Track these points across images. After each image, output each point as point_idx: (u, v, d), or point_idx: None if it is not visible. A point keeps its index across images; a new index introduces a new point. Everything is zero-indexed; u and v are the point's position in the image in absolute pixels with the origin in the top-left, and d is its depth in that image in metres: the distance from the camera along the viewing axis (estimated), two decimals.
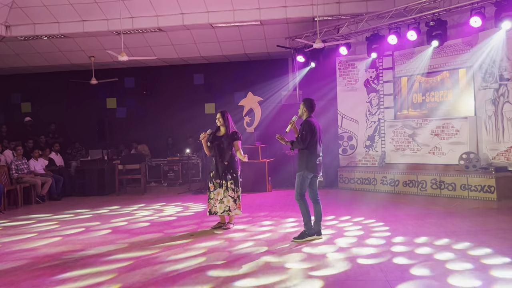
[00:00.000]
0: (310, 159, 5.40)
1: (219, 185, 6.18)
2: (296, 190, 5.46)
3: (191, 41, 12.29)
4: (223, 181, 6.16)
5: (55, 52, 12.86)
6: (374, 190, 9.70)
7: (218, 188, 6.19)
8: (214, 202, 6.19)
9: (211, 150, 6.26)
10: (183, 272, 4.33)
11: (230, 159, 6.20)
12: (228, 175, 6.17)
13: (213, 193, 6.20)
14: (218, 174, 6.19)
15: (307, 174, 5.41)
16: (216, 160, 6.21)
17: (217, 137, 6.25)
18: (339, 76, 11.00)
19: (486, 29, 8.60)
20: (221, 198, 6.16)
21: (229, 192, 6.15)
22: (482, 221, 6.28)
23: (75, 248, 5.48)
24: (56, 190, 10.32)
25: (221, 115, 6.29)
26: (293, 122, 5.62)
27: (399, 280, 3.89)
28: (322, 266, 4.40)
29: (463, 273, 4.04)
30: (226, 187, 6.15)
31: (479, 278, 3.86)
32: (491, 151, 8.69)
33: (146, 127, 14.21)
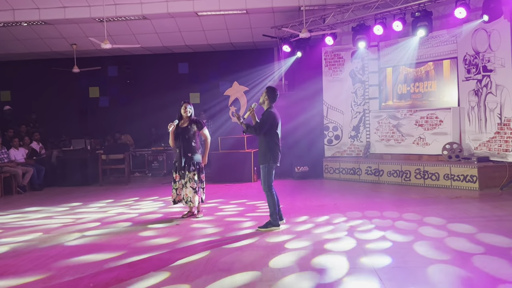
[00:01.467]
0: (273, 149, 5.42)
1: (181, 175, 6.19)
2: (264, 182, 5.47)
3: (175, 29, 12.12)
4: (186, 172, 6.15)
5: (35, 39, 12.55)
6: (359, 180, 9.76)
7: (181, 178, 6.20)
8: (178, 192, 6.21)
9: (176, 141, 6.21)
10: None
11: (193, 150, 6.19)
12: (191, 166, 6.16)
13: (178, 183, 6.20)
14: (181, 164, 6.16)
15: (272, 165, 5.45)
16: (180, 151, 6.17)
17: (182, 128, 6.19)
18: (325, 66, 10.99)
19: (471, 20, 8.66)
20: (181, 187, 6.20)
21: (191, 183, 6.15)
22: (465, 209, 6.37)
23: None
24: (37, 180, 10.13)
25: (188, 105, 6.24)
26: (252, 109, 5.50)
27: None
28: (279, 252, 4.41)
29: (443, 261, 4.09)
30: (188, 178, 6.15)
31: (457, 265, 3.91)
32: (474, 142, 8.82)
33: (130, 116, 14.00)
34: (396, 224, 5.60)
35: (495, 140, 8.32)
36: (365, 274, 3.77)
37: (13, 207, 7.96)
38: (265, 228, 5.48)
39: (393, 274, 3.76)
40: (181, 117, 6.24)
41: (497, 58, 8.17)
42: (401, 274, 3.76)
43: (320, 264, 4.08)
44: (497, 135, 8.25)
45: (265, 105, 5.55)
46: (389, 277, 3.66)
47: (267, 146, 5.43)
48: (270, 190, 5.47)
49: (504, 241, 4.61)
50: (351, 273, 3.80)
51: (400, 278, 3.66)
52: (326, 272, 3.86)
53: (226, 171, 10.24)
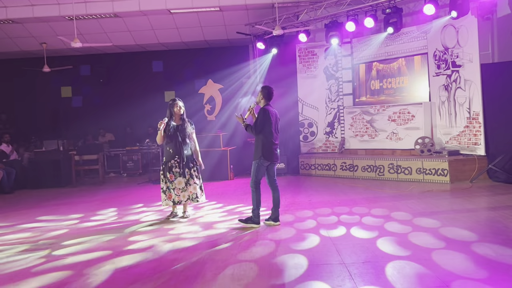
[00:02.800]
0: (266, 147, 5.46)
1: (179, 174, 6.09)
2: (252, 177, 5.52)
3: (148, 27, 11.97)
4: (186, 169, 6.09)
5: (3, 38, 12.20)
6: (334, 176, 9.86)
7: (178, 177, 6.09)
8: (177, 192, 6.09)
9: (168, 140, 6.11)
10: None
11: (189, 148, 6.17)
12: (190, 163, 6.14)
13: (174, 183, 6.09)
14: (178, 163, 6.08)
15: (262, 161, 5.47)
16: (176, 149, 6.07)
17: (176, 126, 6.12)
18: (299, 63, 11.04)
19: (440, 17, 8.83)
20: (183, 187, 6.08)
21: (194, 179, 6.12)
22: (435, 203, 6.50)
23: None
24: (8, 183, 9.87)
25: (181, 102, 6.17)
26: (251, 109, 5.67)
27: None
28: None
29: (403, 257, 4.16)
30: (190, 175, 6.10)
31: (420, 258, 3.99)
32: (445, 136, 9.00)
33: (104, 116, 13.75)
34: (364, 220, 5.67)
35: (464, 134, 8.51)
36: (328, 272, 3.81)
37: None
38: (245, 222, 5.50)
39: (360, 269, 3.80)
40: (172, 114, 6.13)
41: (465, 54, 8.35)
42: (365, 269, 3.81)
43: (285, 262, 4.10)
44: (466, 129, 8.44)
45: (262, 104, 5.63)
46: (357, 273, 3.70)
47: (260, 143, 5.47)
48: (256, 187, 5.49)
49: (467, 235, 4.72)
50: (316, 271, 3.83)
51: (364, 274, 3.71)
52: (288, 271, 3.88)
53: (204, 169, 10.16)
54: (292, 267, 3.92)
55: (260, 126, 5.44)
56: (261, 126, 5.43)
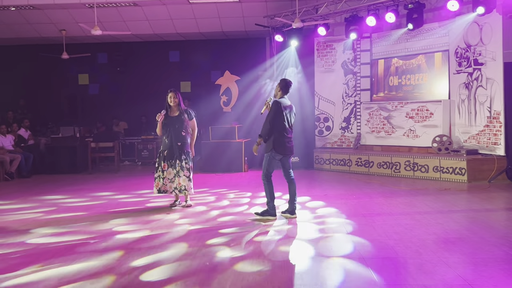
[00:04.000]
0: (277, 140, 5.39)
1: (170, 164, 6.15)
2: (263, 170, 5.48)
3: (167, 16, 11.97)
4: (177, 161, 6.14)
5: (23, 24, 12.30)
6: (349, 171, 9.81)
7: (169, 168, 6.16)
8: (165, 181, 6.17)
9: (164, 131, 6.20)
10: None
11: (183, 139, 6.18)
12: (183, 155, 6.16)
13: (166, 172, 6.16)
14: (171, 154, 6.15)
15: (274, 155, 5.41)
16: (170, 140, 6.16)
17: (171, 117, 6.18)
18: (317, 56, 10.96)
19: (463, 13, 8.69)
20: (171, 177, 6.15)
21: (184, 171, 6.14)
22: (453, 201, 6.43)
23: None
24: (25, 167, 10.01)
25: (175, 94, 6.19)
26: (268, 103, 5.52)
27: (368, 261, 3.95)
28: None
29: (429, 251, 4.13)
30: (180, 167, 6.13)
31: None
32: (463, 134, 8.89)
33: (120, 104, 13.87)
34: (384, 215, 5.64)
35: (484, 133, 8.39)
36: (351, 264, 3.80)
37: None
38: (262, 216, 5.48)
39: (383, 265, 3.79)
40: (169, 106, 6.21)
41: (488, 52, 8.21)
42: (392, 264, 3.79)
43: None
44: (486, 128, 8.32)
45: (278, 97, 5.56)
46: (379, 268, 3.69)
47: (272, 136, 5.40)
48: (267, 179, 5.45)
49: (487, 235, 4.67)
50: (337, 264, 3.82)
51: (391, 268, 3.69)
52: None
53: (217, 160, 10.21)
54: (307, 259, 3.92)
55: (272, 120, 5.35)
56: (272, 118, 5.36)
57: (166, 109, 6.21)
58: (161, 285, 3.39)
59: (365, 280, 3.44)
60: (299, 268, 3.73)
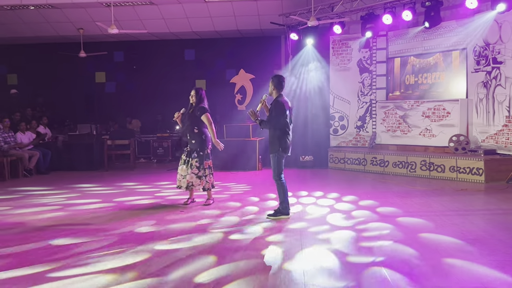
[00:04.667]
0: (283, 139, 5.41)
1: (184, 161, 6.24)
2: (274, 171, 5.48)
3: (182, 15, 12.04)
4: (189, 158, 6.20)
5: (42, 23, 12.51)
6: (364, 171, 9.74)
7: (182, 164, 6.24)
8: (179, 177, 6.29)
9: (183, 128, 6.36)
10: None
11: (197, 137, 6.21)
12: (194, 153, 6.20)
13: (179, 167, 6.29)
14: (186, 151, 6.30)
15: (281, 154, 5.44)
16: (186, 137, 6.32)
17: (187, 114, 6.29)
18: (332, 55, 10.91)
19: (482, 11, 8.54)
20: (184, 174, 6.23)
21: (193, 169, 6.18)
22: (470, 202, 6.34)
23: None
24: (43, 164, 10.19)
25: (196, 92, 6.26)
26: (263, 101, 5.55)
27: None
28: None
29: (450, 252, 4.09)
30: (190, 164, 6.18)
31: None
32: (481, 134, 8.75)
33: (136, 102, 14.02)
34: (402, 215, 5.59)
35: (502, 133, 8.25)
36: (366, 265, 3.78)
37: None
38: (274, 216, 5.47)
39: (397, 266, 3.76)
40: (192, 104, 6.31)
41: (508, 50, 8.06)
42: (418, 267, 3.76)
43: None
44: (505, 128, 8.18)
45: (274, 95, 5.54)
46: (392, 269, 3.66)
47: (275, 136, 5.41)
48: (280, 179, 5.46)
49: (506, 236, 4.59)
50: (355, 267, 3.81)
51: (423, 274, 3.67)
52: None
53: (231, 159, 10.22)
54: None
55: (275, 119, 5.37)
56: (277, 118, 5.36)
57: (189, 107, 6.31)
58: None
59: (378, 280, 3.42)
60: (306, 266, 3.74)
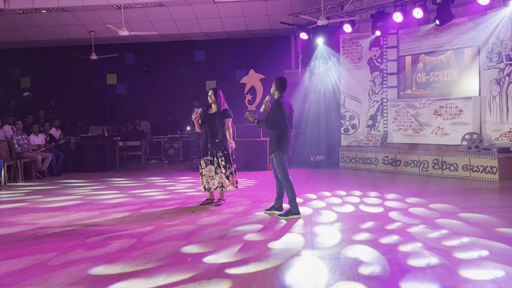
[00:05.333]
0: (281, 139, 5.43)
1: (210, 162, 6.21)
2: (278, 171, 5.49)
3: (192, 16, 12.08)
4: (214, 158, 6.18)
5: (54, 26, 12.65)
6: (376, 170, 9.68)
7: (209, 165, 6.21)
8: (206, 179, 6.24)
9: (202, 128, 6.29)
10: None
11: (221, 137, 6.20)
12: (219, 152, 6.18)
13: (204, 170, 6.24)
14: (209, 151, 6.20)
15: (281, 154, 5.45)
16: (207, 137, 6.21)
17: (208, 114, 6.25)
18: (343, 54, 10.86)
19: (494, 7, 8.44)
20: (212, 175, 6.20)
21: (221, 169, 6.17)
22: (484, 200, 6.26)
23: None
24: (56, 166, 10.30)
25: (213, 92, 6.26)
26: (266, 102, 5.62)
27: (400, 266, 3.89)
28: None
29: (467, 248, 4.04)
30: (217, 164, 6.17)
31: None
32: (494, 132, 8.63)
33: (147, 104, 14.12)
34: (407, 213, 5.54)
35: None
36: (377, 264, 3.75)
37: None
38: (286, 216, 5.47)
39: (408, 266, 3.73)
40: (210, 104, 6.31)
41: None
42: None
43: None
44: None
45: (275, 95, 5.60)
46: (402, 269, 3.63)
47: (274, 135, 5.45)
48: (286, 178, 5.47)
49: None
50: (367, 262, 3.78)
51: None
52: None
53: (241, 159, 10.20)
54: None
55: (273, 119, 5.39)
56: (274, 118, 5.38)
57: (207, 106, 6.31)
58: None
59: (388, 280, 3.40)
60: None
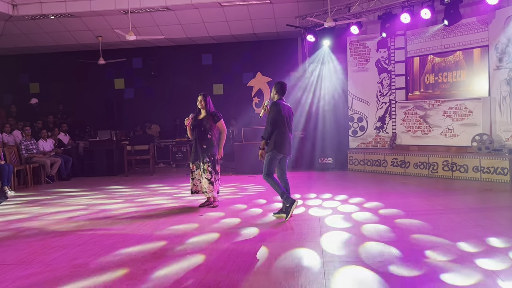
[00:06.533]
0: (278, 139, 5.43)
1: (198, 166, 6.29)
2: (264, 169, 5.49)
3: (199, 20, 12.11)
4: (201, 163, 6.24)
5: (62, 31, 12.76)
6: (385, 172, 9.60)
7: (198, 169, 6.31)
8: (195, 182, 6.33)
9: (192, 133, 6.32)
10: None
11: (208, 142, 6.22)
12: (206, 157, 6.22)
13: (195, 173, 6.32)
14: (197, 156, 6.27)
15: (275, 154, 5.45)
16: (196, 142, 6.28)
17: (198, 120, 6.28)
18: (350, 56, 10.81)
19: (503, 7, 8.35)
20: (200, 178, 6.30)
21: (206, 174, 6.22)
22: (496, 202, 6.18)
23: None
24: (65, 170, 10.35)
25: (203, 97, 6.30)
26: (266, 107, 5.63)
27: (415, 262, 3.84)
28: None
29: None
30: (203, 169, 6.22)
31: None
32: (505, 133, 8.53)
33: (154, 108, 14.17)
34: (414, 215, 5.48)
35: None
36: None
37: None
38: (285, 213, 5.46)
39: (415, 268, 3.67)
40: (199, 109, 6.32)
41: None
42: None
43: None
44: None
45: (275, 99, 5.63)
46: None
47: (273, 136, 5.45)
48: (269, 177, 5.48)
49: None
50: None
51: None
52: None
53: (249, 162, 10.19)
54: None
55: (273, 120, 5.40)
56: (272, 119, 5.40)
57: (197, 112, 6.33)
58: None
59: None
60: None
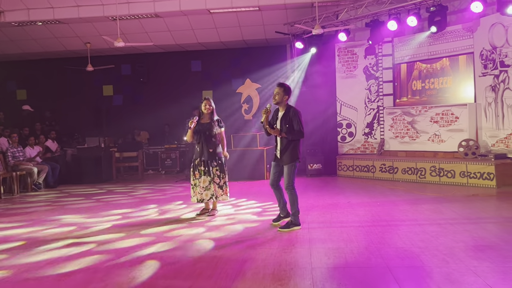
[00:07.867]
0: (298, 149, 5.37)
1: (203, 172, 6.16)
2: (288, 181, 5.30)
3: (188, 27, 12.13)
4: (209, 168, 6.14)
5: (50, 38, 12.68)
6: (373, 178, 9.66)
7: (203, 175, 6.16)
8: (200, 190, 6.18)
9: (195, 137, 6.24)
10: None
11: (215, 146, 6.19)
12: (214, 162, 6.17)
13: (198, 180, 6.18)
14: (203, 161, 6.17)
15: (297, 164, 5.36)
16: (201, 147, 6.18)
17: (202, 124, 6.21)
18: (338, 62, 10.89)
19: (487, 14, 8.50)
20: (206, 185, 6.15)
21: (215, 178, 6.16)
22: (482, 208, 6.24)
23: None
24: (52, 178, 10.24)
25: (209, 101, 6.26)
26: (267, 111, 5.28)
27: (401, 267, 3.85)
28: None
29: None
30: (212, 174, 6.14)
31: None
32: (491, 138, 8.64)
33: (143, 114, 14.07)
34: (403, 222, 5.51)
35: None
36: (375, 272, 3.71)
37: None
38: (288, 228, 5.31)
39: (408, 274, 3.69)
40: (201, 113, 6.27)
41: None
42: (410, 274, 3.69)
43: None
44: None
45: (284, 102, 5.36)
46: (403, 277, 3.59)
47: (295, 145, 5.30)
48: (294, 189, 5.33)
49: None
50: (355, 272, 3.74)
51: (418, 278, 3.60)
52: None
53: (239, 168, 10.21)
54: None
55: (302, 127, 5.28)
56: (301, 127, 5.28)
57: (199, 116, 6.27)
58: None
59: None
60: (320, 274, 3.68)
